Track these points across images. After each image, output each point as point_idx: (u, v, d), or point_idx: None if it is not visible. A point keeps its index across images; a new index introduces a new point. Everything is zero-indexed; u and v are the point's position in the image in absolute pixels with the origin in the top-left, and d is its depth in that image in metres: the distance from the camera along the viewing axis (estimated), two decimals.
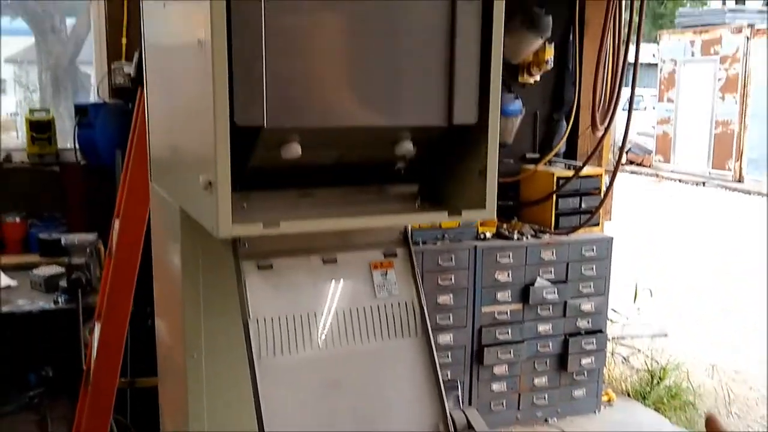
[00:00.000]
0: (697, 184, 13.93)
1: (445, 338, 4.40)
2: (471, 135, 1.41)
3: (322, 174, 1.44)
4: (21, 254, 4.09)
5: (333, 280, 1.43)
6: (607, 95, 4.73)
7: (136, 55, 3.98)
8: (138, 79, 3.77)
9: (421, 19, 1.28)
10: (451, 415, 1.40)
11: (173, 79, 1.52)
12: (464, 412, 1.39)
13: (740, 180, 13.34)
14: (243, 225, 1.23)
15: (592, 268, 4.71)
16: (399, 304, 1.46)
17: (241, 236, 1.33)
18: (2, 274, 3.75)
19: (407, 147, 1.38)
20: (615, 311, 6.62)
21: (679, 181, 14.19)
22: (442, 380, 1.43)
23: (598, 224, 4.87)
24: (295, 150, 1.29)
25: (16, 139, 5.03)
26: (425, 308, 1.47)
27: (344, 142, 1.37)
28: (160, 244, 1.80)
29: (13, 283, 3.71)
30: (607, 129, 4.69)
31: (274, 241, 1.41)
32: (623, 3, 4.61)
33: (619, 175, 4.83)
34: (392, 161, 1.46)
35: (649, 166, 15.11)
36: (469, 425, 1.38)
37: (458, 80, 1.32)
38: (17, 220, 4.13)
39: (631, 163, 14.98)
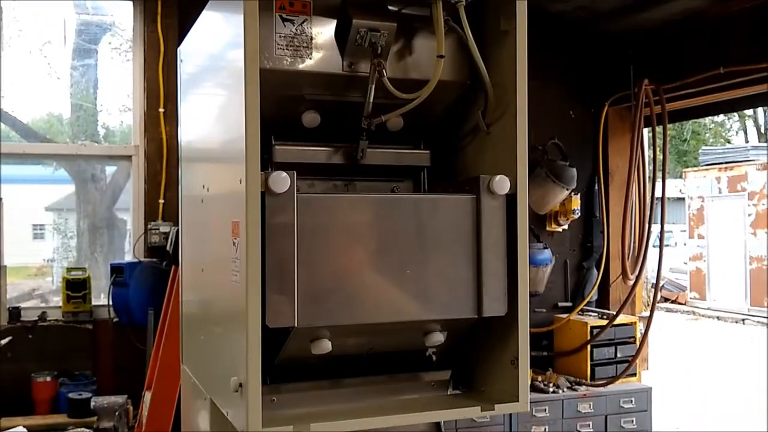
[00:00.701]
0: (735, 322, 13.57)
1: None
2: (502, 325, 1.40)
3: (353, 363, 1.43)
4: (50, 414, 4.04)
5: None
6: (636, 242, 4.73)
7: (173, 230, 4.07)
8: (174, 257, 3.83)
9: (448, 216, 1.31)
10: None
11: (207, 270, 1.56)
12: None
13: None
14: (272, 428, 1.22)
15: (632, 421, 4.54)
16: None
17: None
18: None
19: (438, 338, 1.37)
20: None
21: (717, 318, 13.85)
22: None
23: (635, 374, 4.74)
24: (325, 346, 1.29)
25: (51, 284, 5.11)
26: None
27: (375, 334, 1.37)
28: (189, 424, 1.78)
29: None
30: (638, 278, 4.66)
31: None
32: (646, 144, 4.70)
33: (654, 313, 4.73)
34: (423, 349, 1.45)
35: (685, 303, 14.82)
36: None
37: (486, 274, 1.33)
38: (48, 379, 4.12)
39: (666, 300, 14.71)
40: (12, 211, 5.10)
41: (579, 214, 4.81)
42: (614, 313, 4.64)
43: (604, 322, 4.61)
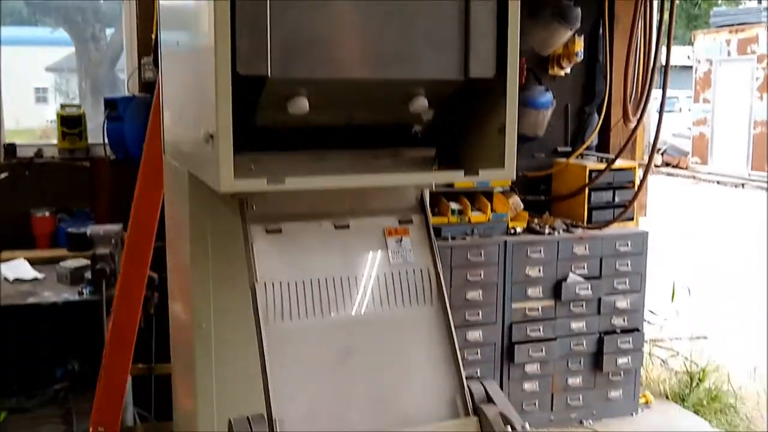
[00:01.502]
0: (735, 186, 13.60)
1: (474, 335, 4.31)
2: (489, 91, 1.34)
3: (333, 136, 1.38)
4: (50, 248, 4.10)
5: (345, 246, 1.37)
6: (639, 88, 4.62)
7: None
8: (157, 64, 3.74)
9: None
10: (468, 387, 1.32)
11: (182, 44, 1.48)
12: (482, 383, 1.32)
13: None
14: (246, 180, 1.18)
15: (627, 264, 4.58)
16: (414, 271, 1.39)
17: (244, 192, 1.28)
18: (30, 267, 3.76)
19: (421, 103, 1.31)
20: (653, 313, 6.46)
21: (717, 183, 13.87)
22: (460, 353, 1.35)
23: (632, 219, 4.74)
24: (302, 105, 1.24)
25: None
26: (441, 276, 1.40)
27: (354, 99, 1.31)
28: (172, 218, 1.75)
29: (40, 275, 3.71)
30: (639, 120, 4.58)
31: (284, 204, 1.36)
32: (654, 3, 4.51)
33: (654, 177, 4.71)
34: (408, 124, 1.40)
35: (686, 168, 14.79)
36: (488, 398, 1.31)
37: (474, 31, 1.25)
38: (47, 214, 4.15)
39: (667, 165, 14.68)
40: (13, 72, 4.97)
41: (582, 57, 4.67)
42: (613, 156, 4.59)
43: (603, 166, 4.57)
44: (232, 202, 1.32)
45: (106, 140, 4.18)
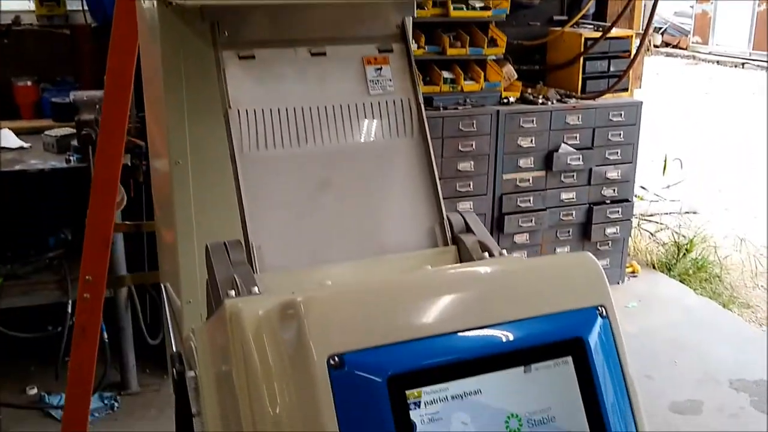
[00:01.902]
0: (735, 66, 13.37)
1: (465, 205, 4.32)
2: None
3: None
4: (34, 119, 4.03)
5: (321, 74, 1.32)
6: None
7: None
8: None
9: None
10: (448, 218, 1.31)
11: None
12: (462, 214, 1.31)
13: None
14: None
15: (620, 134, 4.55)
16: (394, 102, 1.35)
17: (212, 8, 1.22)
18: (15, 137, 3.71)
19: None
20: (644, 188, 6.48)
21: (717, 63, 13.63)
22: (439, 183, 1.34)
23: (627, 89, 4.67)
24: None
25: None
26: (423, 107, 1.36)
27: None
28: (146, 57, 1.68)
29: (26, 144, 3.66)
30: None
31: (257, 30, 1.30)
32: None
33: (652, 57, 4.60)
34: None
35: (686, 48, 14.49)
36: (468, 228, 1.30)
37: None
38: (29, 83, 4.05)
39: (667, 45, 14.36)
40: None
41: None
42: (609, 24, 4.47)
43: (599, 34, 4.45)
44: (204, 27, 1.27)
45: (85, 6, 4.04)
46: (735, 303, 4.79)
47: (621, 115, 4.52)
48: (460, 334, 0.89)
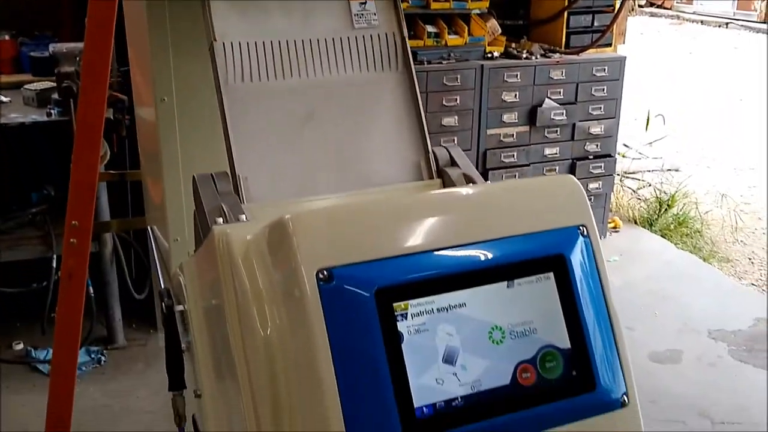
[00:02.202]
0: (719, 26, 13.39)
1: None
2: None
3: None
4: (13, 74, 3.97)
5: (305, 8, 1.32)
6: None
7: None
8: None
9: None
10: (433, 152, 1.33)
11: None
12: (447, 148, 1.32)
13: (766, 20, 12.76)
14: None
15: (603, 89, 4.57)
16: (379, 36, 1.36)
17: None
18: None
19: None
20: (627, 146, 6.52)
21: (701, 23, 13.62)
22: (425, 117, 1.35)
23: (610, 45, 4.68)
24: None
25: None
26: (407, 42, 1.37)
27: None
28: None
29: (5, 99, 3.62)
30: None
31: None
32: None
33: (637, 17, 4.60)
34: None
35: (670, 8, 14.45)
36: (453, 162, 1.31)
37: None
38: (6, 38, 3.99)
39: (652, 5, 14.31)
40: None
41: None
42: None
43: None
44: None
45: None
46: (715, 257, 4.86)
47: (605, 70, 4.53)
48: (445, 250, 0.91)
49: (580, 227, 0.96)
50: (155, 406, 3.29)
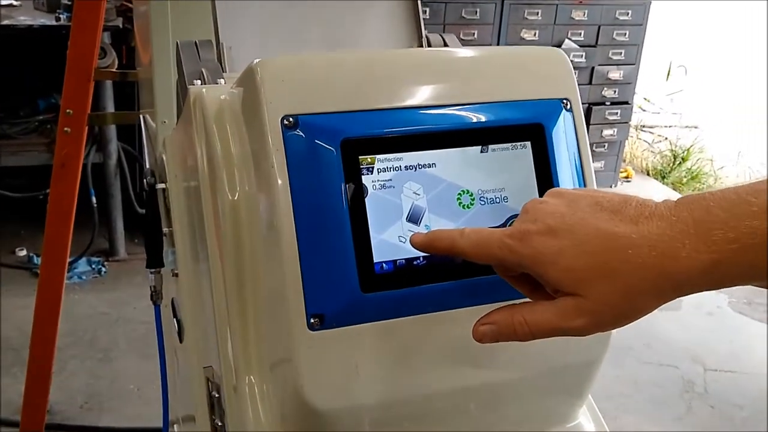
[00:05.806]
0: None
1: None
2: None
3: None
4: None
5: None
6: None
7: None
8: None
9: None
10: (427, 37, 1.28)
11: None
12: (442, 36, 1.28)
13: None
14: None
15: (625, 34, 4.46)
16: None
17: None
18: None
19: None
20: (647, 100, 6.40)
21: None
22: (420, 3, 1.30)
23: None
24: None
25: None
26: None
27: None
28: None
29: (15, 2, 3.58)
30: None
31: None
32: None
33: None
34: None
35: None
36: (446, 47, 1.27)
37: None
38: None
39: None
40: None
41: None
42: None
43: None
44: None
45: None
46: None
47: (628, 14, 4.42)
48: (420, 109, 0.87)
49: (564, 101, 0.92)
50: (152, 317, 3.33)
